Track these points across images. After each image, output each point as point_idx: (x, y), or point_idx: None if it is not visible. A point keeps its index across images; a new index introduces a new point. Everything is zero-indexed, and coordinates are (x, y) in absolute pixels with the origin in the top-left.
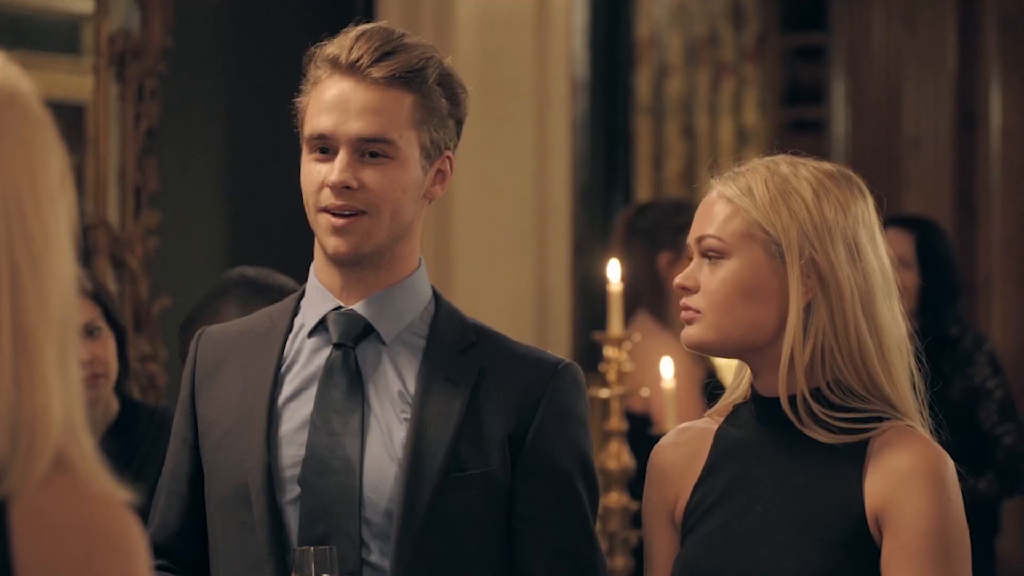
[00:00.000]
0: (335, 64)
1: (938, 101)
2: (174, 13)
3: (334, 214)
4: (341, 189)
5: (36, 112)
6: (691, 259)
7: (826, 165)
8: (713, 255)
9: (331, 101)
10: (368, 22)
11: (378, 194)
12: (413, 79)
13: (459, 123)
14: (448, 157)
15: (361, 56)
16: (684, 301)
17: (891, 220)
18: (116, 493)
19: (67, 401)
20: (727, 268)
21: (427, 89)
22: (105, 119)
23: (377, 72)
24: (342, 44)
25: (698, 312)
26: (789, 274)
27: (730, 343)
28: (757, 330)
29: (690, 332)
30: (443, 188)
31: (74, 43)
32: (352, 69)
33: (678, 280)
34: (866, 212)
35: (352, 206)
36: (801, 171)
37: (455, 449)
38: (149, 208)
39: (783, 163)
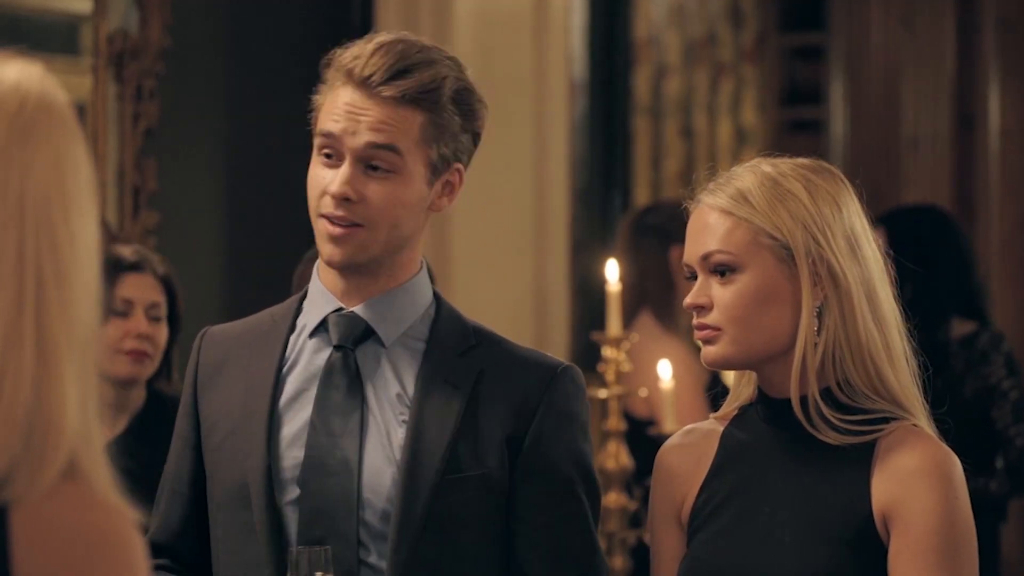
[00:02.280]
0: (350, 75)
1: (937, 101)
2: (172, 13)
3: (332, 223)
4: (341, 200)
5: (71, 124)
6: (687, 277)
7: (803, 160)
8: (723, 270)
9: (342, 110)
10: (365, 23)
11: (378, 209)
12: (424, 99)
13: (475, 136)
14: (458, 169)
15: (374, 73)
16: (699, 320)
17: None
18: (122, 506)
19: (84, 412)
20: (741, 281)
21: (439, 108)
22: (103, 119)
23: (388, 91)
24: (358, 55)
25: (717, 329)
26: (801, 276)
27: (752, 355)
28: (776, 337)
29: (712, 351)
30: (451, 200)
31: (72, 43)
32: (365, 84)
33: (689, 300)
34: (853, 201)
35: (350, 218)
36: (785, 170)
37: (453, 451)
38: (147, 208)
39: (764, 164)
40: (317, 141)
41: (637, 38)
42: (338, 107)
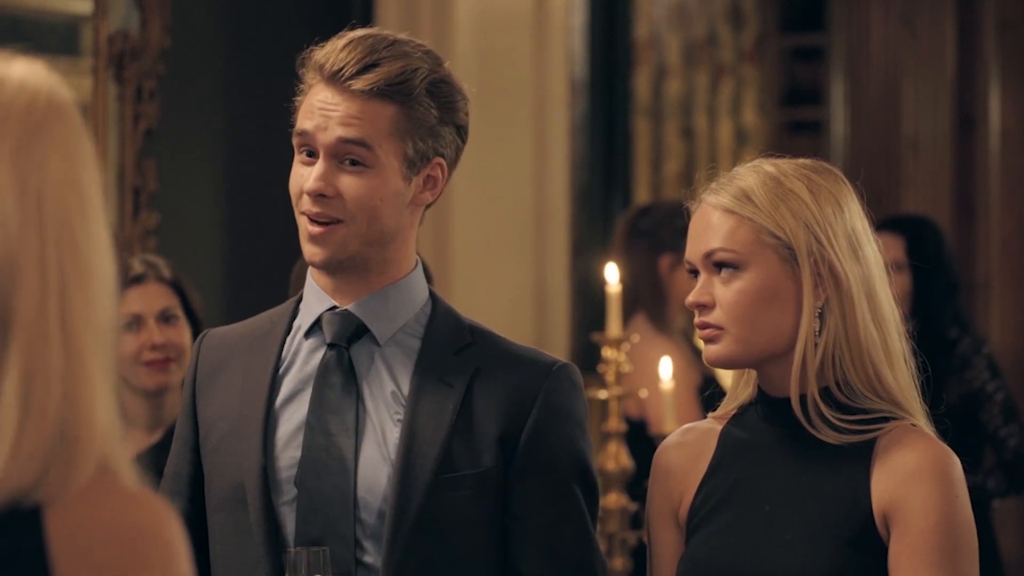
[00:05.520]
0: (321, 71)
1: (937, 102)
2: (172, 14)
3: (312, 221)
4: (317, 196)
5: (78, 121)
6: (690, 274)
7: (804, 161)
8: (726, 268)
9: (315, 107)
10: (365, 24)
11: (354, 202)
12: (396, 91)
13: (459, 128)
14: (439, 164)
15: (344, 67)
16: (702, 319)
17: (882, 223)
18: (157, 499)
19: (111, 409)
20: (744, 279)
21: (412, 100)
22: (104, 120)
23: (357, 84)
24: (329, 52)
25: (720, 328)
26: (803, 276)
27: (755, 353)
28: (778, 336)
29: (715, 349)
30: (434, 194)
31: (73, 44)
32: (334, 79)
33: (691, 299)
34: (854, 201)
35: (328, 214)
36: (787, 169)
37: (447, 450)
38: (148, 209)
39: (765, 164)
40: (295, 141)
41: (637, 39)
42: (312, 105)
